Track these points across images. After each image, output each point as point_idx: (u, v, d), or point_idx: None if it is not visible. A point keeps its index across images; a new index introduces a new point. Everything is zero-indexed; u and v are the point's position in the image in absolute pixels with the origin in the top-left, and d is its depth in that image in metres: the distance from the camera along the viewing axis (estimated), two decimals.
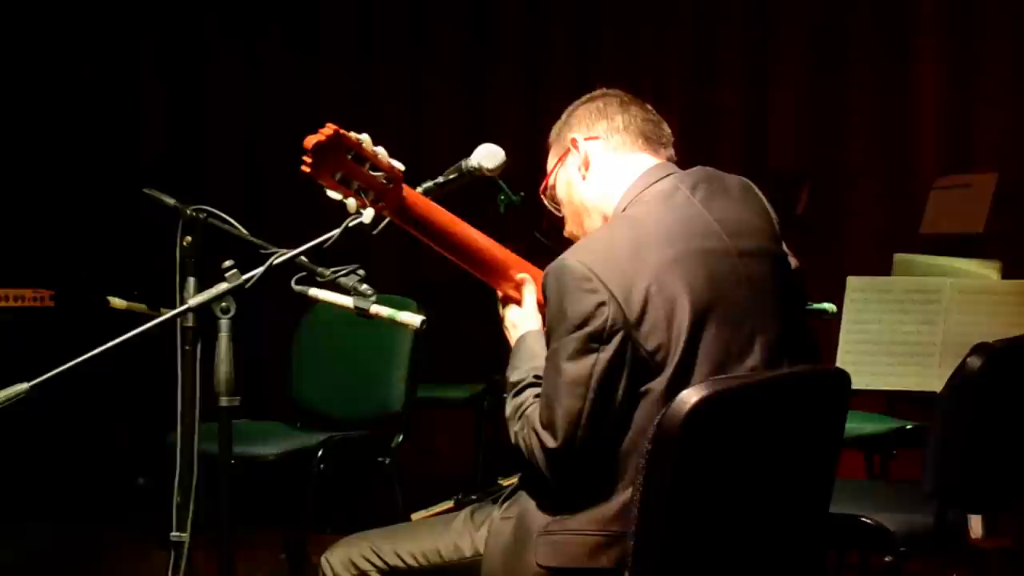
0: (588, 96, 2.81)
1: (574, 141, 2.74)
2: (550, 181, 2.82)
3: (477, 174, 2.81)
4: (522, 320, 2.76)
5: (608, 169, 2.70)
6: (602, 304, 2.42)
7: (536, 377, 2.58)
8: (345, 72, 7.14)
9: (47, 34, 7.07)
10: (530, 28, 6.99)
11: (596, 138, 2.72)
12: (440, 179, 2.78)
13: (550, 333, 2.50)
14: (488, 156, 2.82)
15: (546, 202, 2.86)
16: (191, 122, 7.18)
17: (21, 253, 6.80)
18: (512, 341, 2.75)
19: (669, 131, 2.77)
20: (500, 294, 2.82)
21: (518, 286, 2.78)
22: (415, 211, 2.64)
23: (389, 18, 7.11)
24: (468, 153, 2.82)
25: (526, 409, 2.54)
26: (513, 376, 2.64)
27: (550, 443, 2.44)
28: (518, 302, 2.78)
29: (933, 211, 5.85)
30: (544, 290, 2.53)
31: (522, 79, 6.96)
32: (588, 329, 2.42)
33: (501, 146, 2.84)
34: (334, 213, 2.66)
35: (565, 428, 2.43)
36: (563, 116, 2.82)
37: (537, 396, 2.53)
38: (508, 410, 2.60)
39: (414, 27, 7.11)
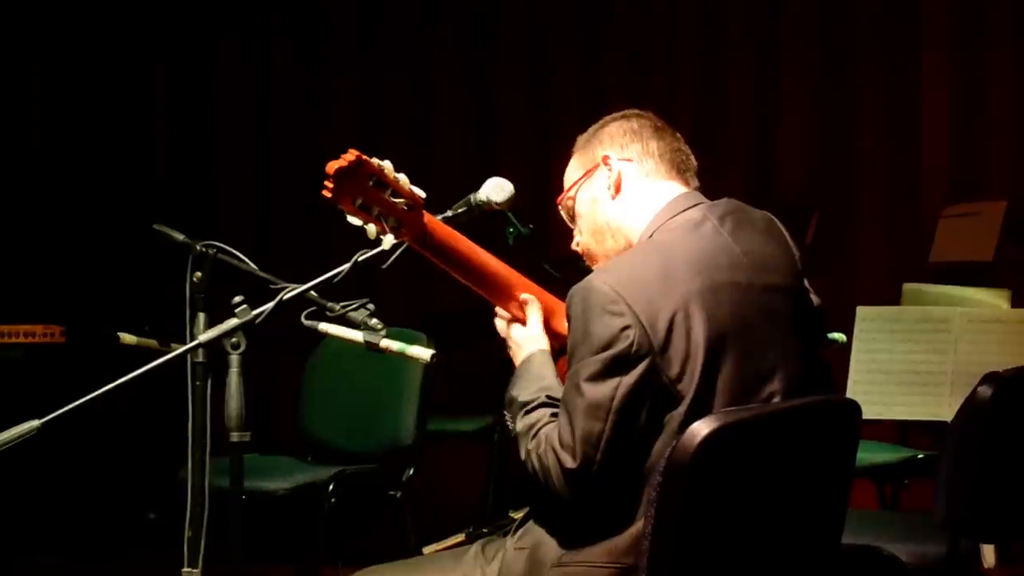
0: (620, 114, 2.79)
1: (606, 159, 2.72)
2: (571, 193, 2.81)
3: (486, 207, 2.81)
4: (527, 340, 2.74)
5: (639, 193, 2.69)
6: (627, 328, 2.41)
7: (549, 397, 2.57)
8: (354, 105, 7.16)
9: (56, 72, 7.11)
10: (537, 57, 7.01)
11: (629, 160, 2.71)
12: (449, 213, 2.78)
13: (572, 353, 2.49)
14: (497, 189, 2.82)
15: (561, 211, 2.85)
16: (201, 159, 7.19)
17: (32, 289, 6.82)
18: (517, 361, 2.74)
19: (696, 164, 2.77)
20: (502, 313, 2.81)
21: (522, 306, 2.77)
22: (435, 238, 2.64)
23: (397, 46, 7.13)
24: (477, 186, 2.83)
25: (541, 428, 2.53)
26: (521, 396, 2.62)
27: (568, 463, 2.43)
28: (522, 322, 2.78)
29: (942, 240, 5.86)
30: (568, 310, 2.52)
31: (531, 109, 6.97)
32: (612, 352, 2.42)
33: (510, 176, 2.84)
34: (343, 247, 2.66)
35: (584, 450, 2.42)
36: (591, 129, 2.80)
37: (553, 415, 2.52)
38: (519, 427, 2.58)
39: (423, 58, 7.12)
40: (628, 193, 2.71)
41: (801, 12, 6.62)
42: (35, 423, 2.43)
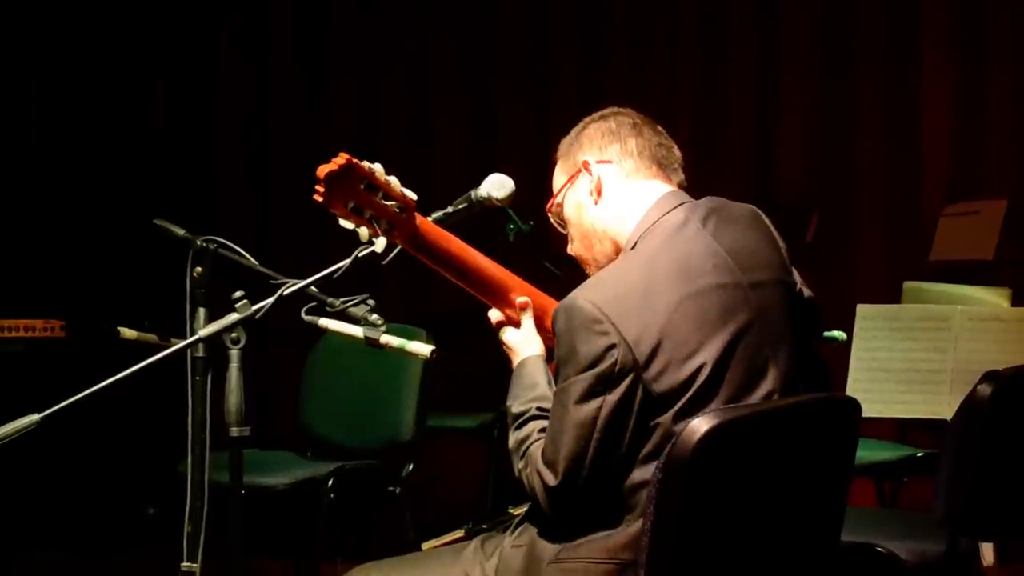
0: (599, 114, 2.77)
1: (586, 164, 2.71)
2: (557, 199, 2.79)
3: (487, 204, 2.81)
4: (521, 344, 2.74)
5: (621, 195, 2.68)
6: (612, 347, 2.41)
7: (539, 409, 2.58)
8: (354, 105, 7.16)
9: (56, 72, 7.11)
10: (537, 57, 7.01)
11: (609, 162, 2.70)
12: (449, 209, 2.79)
13: (558, 371, 2.50)
14: (497, 186, 2.82)
15: (551, 219, 2.84)
16: (201, 156, 7.20)
17: (32, 284, 6.82)
18: (512, 364, 2.74)
19: (680, 155, 2.75)
20: (498, 315, 2.80)
21: (517, 308, 2.77)
22: (427, 239, 2.64)
23: (397, 47, 7.13)
24: (477, 183, 2.83)
25: (530, 445, 2.54)
26: (515, 407, 2.63)
27: (550, 481, 2.44)
28: (516, 324, 2.77)
29: (942, 238, 5.86)
30: (554, 327, 2.52)
31: (531, 109, 6.97)
32: (596, 370, 2.42)
33: (510, 175, 2.84)
34: (344, 243, 2.66)
35: (566, 468, 2.43)
36: (572, 132, 2.78)
37: (541, 431, 2.53)
38: (511, 443, 2.59)
39: (422, 58, 7.13)
40: (610, 196, 2.69)
41: (801, 13, 6.62)
42: (35, 417, 2.43)
